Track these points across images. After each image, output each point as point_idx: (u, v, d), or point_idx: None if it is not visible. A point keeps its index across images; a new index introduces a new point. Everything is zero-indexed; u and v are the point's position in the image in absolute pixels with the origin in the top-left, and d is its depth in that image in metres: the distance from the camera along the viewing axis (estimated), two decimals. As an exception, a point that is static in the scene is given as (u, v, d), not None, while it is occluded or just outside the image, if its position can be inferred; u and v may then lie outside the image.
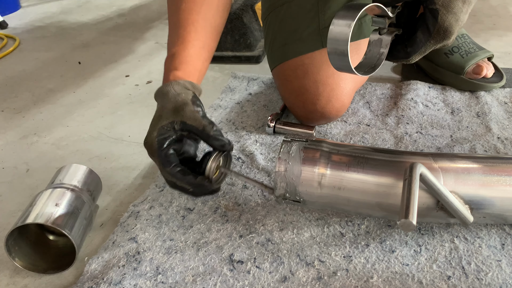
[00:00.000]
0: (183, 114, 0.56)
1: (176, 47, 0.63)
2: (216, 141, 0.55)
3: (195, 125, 0.55)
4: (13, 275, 0.56)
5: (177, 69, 0.61)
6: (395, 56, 0.62)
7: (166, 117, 0.56)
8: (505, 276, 0.50)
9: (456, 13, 0.57)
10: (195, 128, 0.55)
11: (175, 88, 0.58)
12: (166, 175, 0.55)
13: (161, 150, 0.55)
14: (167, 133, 0.55)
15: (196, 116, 0.56)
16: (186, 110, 0.56)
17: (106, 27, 1.51)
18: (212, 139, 0.55)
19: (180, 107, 0.56)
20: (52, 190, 0.58)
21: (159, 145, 0.55)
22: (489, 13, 1.33)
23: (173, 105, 0.57)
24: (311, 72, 0.75)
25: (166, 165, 0.54)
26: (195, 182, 0.54)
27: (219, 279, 0.51)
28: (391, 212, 0.52)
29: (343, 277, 0.51)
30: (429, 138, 0.75)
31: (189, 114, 0.56)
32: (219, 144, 0.55)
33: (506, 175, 0.50)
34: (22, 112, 0.97)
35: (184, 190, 0.56)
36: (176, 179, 0.55)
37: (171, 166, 0.54)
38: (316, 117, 0.77)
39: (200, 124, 0.55)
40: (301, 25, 0.77)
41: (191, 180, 0.54)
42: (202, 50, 0.64)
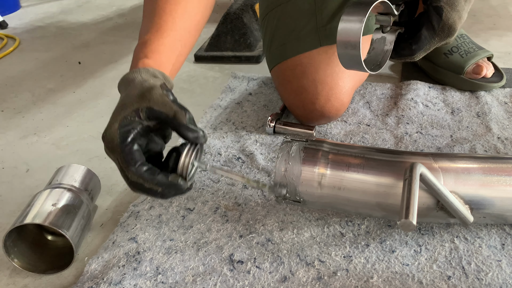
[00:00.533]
0: (149, 98, 0.47)
1: (150, 34, 0.56)
2: (189, 132, 0.47)
3: (165, 111, 0.47)
4: (13, 275, 0.56)
5: (147, 57, 0.54)
6: (399, 54, 0.63)
7: (130, 104, 0.48)
8: (505, 276, 0.50)
9: (459, 11, 0.58)
10: (164, 114, 0.47)
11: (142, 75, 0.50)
12: (131, 176, 0.47)
13: (124, 146, 0.46)
14: (130, 124, 0.47)
15: (166, 100, 0.47)
16: (153, 94, 0.48)
17: (106, 27, 1.51)
18: (185, 129, 0.47)
19: (147, 91, 0.48)
20: (50, 190, 0.58)
21: (122, 139, 0.46)
22: (489, 13, 1.33)
23: (139, 91, 0.48)
24: (309, 72, 0.75)
25: (131, 164, 0.46)
26: (167, 182, 0.47)
27: (219, 279, 0.51)
28: (391, 212, 0.52)
29: (343, 277, 0.51)
30: (429, 138, 0.75)
31: (156, 98, 0.47)
32: (192, 135, 0.48)
33: (506, 175, 0.50)
34: (22, 112, 0.97)
35: (151, 192, 0.48)
36: (144, 180, 0.47)
37: (137, 164, 0.46)
38: (316, 117, 0.77)
39: (170, 109, 0.47)
40: (299, 24, 0.77)
41: (162, 180, 0.47)
42: (178, 42, 0.58)
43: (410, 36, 0.62)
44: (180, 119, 0.47)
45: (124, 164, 0.47)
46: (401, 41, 0.62)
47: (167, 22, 0.57)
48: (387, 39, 0.61)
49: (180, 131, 0.48)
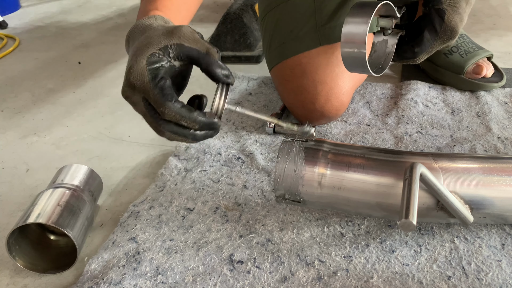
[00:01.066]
0: (179, 34, 0.44)
1: None
2: (221, 70, 0.45)
3: (197, 47, 0.44)
4: (13, 275, 0.56)
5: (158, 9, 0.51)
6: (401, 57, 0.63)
7: (156, 42, 0.44)
8: (505, 276, 0.50)
9: (461, 13, 0.58)
10: (196, 51, 0.44)
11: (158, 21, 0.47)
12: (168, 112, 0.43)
13: (157, 81, 0.43)
14: (160, 62, 0.44)
15: (197, 37, 0.45)
16: (183, 31, 0.45)
17: (106, 27, 1.51)
18: (217, 67, 0.45)
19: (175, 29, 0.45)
20: (53, 190, 0.58)
21: (153, 76, 0.43)
22: (489, 13, 1.33)
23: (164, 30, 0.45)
24: (309, 71, 0.75)
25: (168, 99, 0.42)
26: (205, 120, 0.45)
27: (219, 279, 0.51)
28: (391, 212, 0.52)
29: (343, 277, 0.51)
30: (429, 138, 0.75)
31: (188, 34, 0.44)
32: (224, 73, 0.45)
33: (506, 175, 0.50)
34: (22, 112, 0.97)
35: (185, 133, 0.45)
36: (182, 117, 0.43)
37: (173, 100, 0.43)
38: (316, 117, 0.77)
39: (203, 46, 0.44)
40: (298, 24, 0.77)
41: (199, 117, 0.44)
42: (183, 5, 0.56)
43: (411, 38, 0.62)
44: (212, 56, 0.44)
45: (159, 101, 0.43)
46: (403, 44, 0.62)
47: None
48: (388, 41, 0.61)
49: (211, 69, 0.45)
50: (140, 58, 0.44)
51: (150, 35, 0.45)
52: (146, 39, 0.45)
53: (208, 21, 1.47)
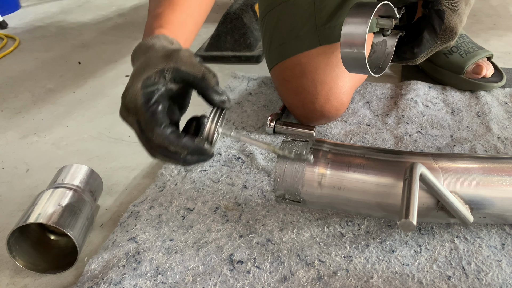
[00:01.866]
0: (177, 58, 0.45)
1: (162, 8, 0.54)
2: (217, 95, 0.46)
3: (193, 72, 0.45)
4: (13, 275, 0.56)
5: (162, 27, 0.52)
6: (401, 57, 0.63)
7: (154, 65, 0.45)
8: (505, 276, 0.50)
9: (460, 14, 0.59)
10: (192, 75, 0.45)
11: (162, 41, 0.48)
12: (156, 137, 0.44)
13: (148, 106, 0.43)
14: (155, 85, 0.44)
15: (194, 61, 0.45)
16: (180, 54, 0.45)
17: (106, 27, 1.51)
18: (212, 92, 0.45)
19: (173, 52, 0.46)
20: (53, 190, 0.58)
21: (146, 99, 0.43)
22: (489, 13, 1.33)
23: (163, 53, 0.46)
24: (308, 71, 0.75)
25: (156, 125, 0.43)
26: (193, 146, 0.45)
27: (219, 279, 0.51)
28: (391, 212, 0.52)
29: (343, 277, 0.51)
30: (429, 138, 0.75)
31: (185, 58, 0.45)
32: (219, 99, 0.46)
33: (506, 175, 0.50)
34: (22, 112, 0.97)
35: (174, 157, 0.46)
36: (169, 142, 0.44)
37: (163, 125, 0.44)
38: (316, 117, 0.77)
39: (199, 70, 0.45)
40: (298, 24, 0.77)
41: (188, 143, 0.45)
42: (190, 18, 0.56)
43: (411, 39, 0.62)
44: (209, 81, 0.45)
45: (148, 124, 0.44)
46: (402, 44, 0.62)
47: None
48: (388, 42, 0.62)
49: (207, 94, 0.46)
50: (136, 80, 0.45)
51: (150, 57, 0.46)
52: (145, 61, 0.46)
53: (208, 21, 1.47)
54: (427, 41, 0.60)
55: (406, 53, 0.62)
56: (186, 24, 0.55)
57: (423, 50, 0.61)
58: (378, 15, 0.59)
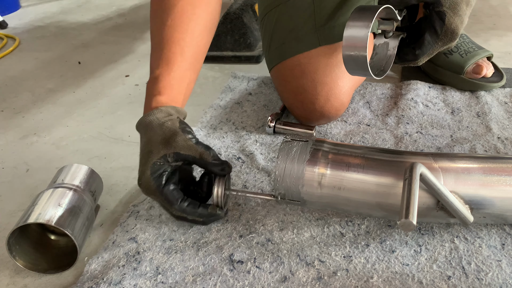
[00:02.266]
0: (175, 145, 0.53)
1: (160, 68, 0.59)
2: (216, 167, 0.54)
3: (191, 154, 0.53)
4: (13, 275, 0.56)
5: (160, 93, 0.58)
6: (403, 59, 0.63)
7: (156, 151, 0.53)
8: (505, 276, 0.50)
9: (461, 16, 0.59)
10: (191, 157, 0.53)
11: (158, 116, 0.55)
12: (175, 212, 0.54)
13: (161, 189, 0.52)
14: (161, 168, 0.53)
15: (190, 144, 0.53)
16: (177, 140, 0.53)
17: (106, 27, 1.51)
18: (211, 166, 0.54)
19: (171, 138, 0.53)
20: (53, 190, 0.58)
21: (158, 184, 0.52)
22: (489, 13, 1.33)
23: (162, 137, 0.53)
24: (308, 72, 0.75)
25: (173, 203, 0.53)
26: (207, 214, 0.55)
27: (219, 279, 0.51)
28: (391, 212, 0.52)
29: (343, 277, 0.51)
30: (429, 138, 0.75)
31: (181, 143, 0.53)
32: (219, 169, 0.54)
33: (506, 175, 0.50)
34: (22, 112, 0.97)
35: (195, 222, 0.56)
36: (187, 214, 0.54)
37: (178, 202, 0.53)
38: (316, 117, 0.77)
39: (196, 152, 0.53)
40: (298, 24, 0.77)
41: (203, 212, 0.54)
42: (187, 71, 0.61)
43: (412, 41, 0.62)
44: (206, 159, 0.53)
45: (166, 204, 0.53)
46: (404, 46, 0.63)
47: (175, 54, 0.59)
48: (390, 44, 0.62)
49: (207, 168, 0.54)
50: (145, 168, 0.53)
51: (150, 141, 0.53)
52: (147, 145, 0.54)
53: (208, 21, 1.47)
54: (428, 43, 0.60)
55: (408, 54, 0.62)
56: (184, 79, 0.60)
57: (425, 52, 0.61)
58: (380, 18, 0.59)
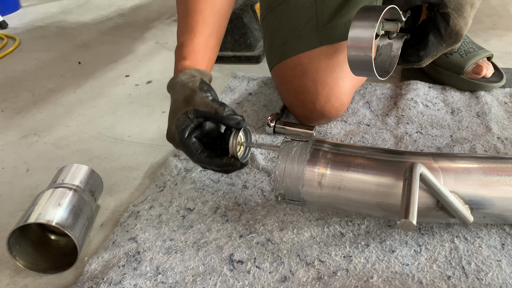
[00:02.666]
0: (193, 102, 0.58)
1: (185, 36, 0.65)
2: (230, 121, 0.58)
3: (208, 110, 0.58)
4: (14, 275, 0.56)
5: (185, 58, 0.63)
6: (406, 60, 0.63)
7: (179, 109, 0.59)
8: (505, 276, 0.50)
9: (466, 17, 0.59)
10: (208, 113, 0.58)
11: (181, 78, 0.60)
12: (196, 162, 0.59)
13: (183, 141, 0.58)
14: (184, 124, 0.58)
15: (207, 102, 0.58)
16: (195, 98, 0.58)
17: (106, 27, 1.51)
18: (226, 120, 0.57)
19: (190, 97, 0.59)
20: (53, 190, 0.58)
21: (181, 137, 0.58)
22: (489, 13, 1.33)
23: (183, 96, 0.59)
24: (309, 71, 0.75)
25: (193, 155, 0.58)
26: (223, 163, 0.58)
27: (219, 279, 0.51)
28: (391, 212, 0.52)
29: (343, 277, 0.51)
30: (429, 138, 0.75)
31: (199, 101, 0.58)
32: (234, 122, 0.58)
33: (506, 175, 0.50)
34: (22, 112, 0.97)
35: (215, 170, 0.61)
36: (205, 164, 0.59)
37: (197, 154, 0.58)
38: (316, 117, 0.77)
39: (211, 108, 0.57)
40: (299, 23, 0.77)
41: (219, 162, 0.58)
42: (210, 37, 0.66)
43: (416, 42, 0.62)
44: (220, 114, 0.57)
45: (188, 154, 0.59)
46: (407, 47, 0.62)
47: (198, 22, 0.65)
48: (393, 45, 0.62)
49: (223, 123, 0.58)
50: (171, 124, 0.59)
51: (175, 100, 0.60)
52: (173, 105, 0.60)
53: (208, 21, 1.47)
54: (432, 44, 0.60)
55: (412, 56, 0.62)
56: (208, 44, 0.66)
57: (429, 53, 0.61)
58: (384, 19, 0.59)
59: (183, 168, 0.71)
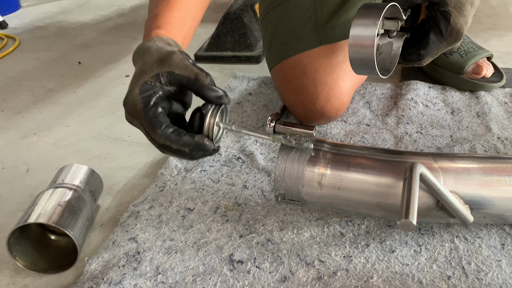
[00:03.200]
0: (170, 63, 0.48)
1: (160, 8, 0.56)
2: (212, 92, 0.48)
3: (186, 74, 0.47)
4: (14, 275, 0.56)
5: (159, 27, 0.54)
6: (407, 59, 0.63)
7: (149, 70, 0.48)
8: (505, 276, 0.50)
9: (466, 16, 0.59)
10: (185, 77, 0.47)
11: (157, 43, 0.50)
12: (158, 138, 0.47)
13: (147, 109, 0.47)
14: (152, 89, 0.47)
15: (186, 64, 0.48)
16: (173, 58, 0.48)
17: (106, 27, 1.51)
18: (208, 90, 0.47)
19: (167, 56, 0.48)
20: (53, 190, 0.58)
21: (145, 104, 0.47)
22: (489, 13, 1.33)
23: (157, 57, 0.49)
24: (309, 71, 0.75)
25: (157, 126, 0.47)
26: (193, 143, 0.47)
27: (219, 279, 0.51)
28: (391, 212, 0.52)
29: (343, 277, 0.51)
30: (429, 138, 0.75)
31: (177, 62, 0.48)
32: (215, 95, 0.48)
33: (506, 175, 0.50)
34: (22, 112, 0.97)
35: (180, 153, 0.48)
36: (171, 142, 0.47)
37: (163, 127, 0.47)
38: (316, 117, 0.77)
39: (191, 72, 0.47)
40: (299, 23, 0.77)
41: (188, 140, 0.47)
42: (187, 16, 0.58)
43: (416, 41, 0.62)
44: (201, 81, 0.47)
45: (150, 128, 0.47)
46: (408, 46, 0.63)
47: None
48: (394, 44, 0.62)
49: (202, 93, 0.48)
50: (134, 87, 0.48)
51: (145, 62, 0.49)
52: (141, 67, 0.49)
53: (208, 21, 1.47)
54: (433, 43, 0.60)
55: (412, 54, 0.62)
56: (184, 22, 0.58)
57: (429, 52, 0.61)
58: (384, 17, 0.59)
59: (183, 168, 0.71)
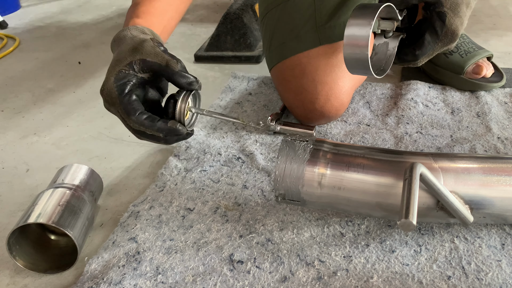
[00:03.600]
0: (142, 51, 0.50)
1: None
2: (182, 78, 0.50)
3: (157, 61, 0.50)
4: (14, 275, 0.56)
5: (138, 17, 0.56)
6: (402, 59, 0.63)
7: (123, 58, 0.51)
8: (505, 276, 0.50)
9: (461, 17, 0.59)
10: (157, 64, 0.50)
11: (132, 32, 0.53)
12: (133, 124, 0.50)
13: (122, 97, 0.49)
14: (126, 77, 0.50)
15: (157, 51, 0.50)
16: (145, 46, 0.50)
17: (106, 27, 1.51)
18: (178, 76, 0.50)
19: (139, 45, 0.51)
20: (53, 190, 0.58)
21: (119, 91, 0.49)
22: (489, 13, 1.33)
23: (131, 46, 0.51)
24: (308, 71, 0.75)
25: (131, 113, 0.49)
26: (167, 128, 0.51)
27: (219, 279, 0.51)
28: (391, 212, 0.52)
29: (343, 277, 0.51)
30: (429, 138, 0.75)
31: (148, 49, 0.50)
32: (186, 81, 0.51)
33: (506, 175, 0.50)
34: (22, 112, 0.97)
35: (155, 138, 0.52)
36: (145, 127, 0.50)
37: (137, 113, 0.50)
38: (316, 117, 0.77)
39: (162, 59, 0.50)
40: (298, 23, 0.78)
41: (162, 126, 0.50)
42: (169, 6, 0.60)
43: (412, 41, 0.62)
44: (172, 67, 0.49)
45: (124, 114, 0.50)
46: (404, 46, 0.63)
47: None
48: (389, 44, 0.62)
49: (173, 79, 0.50)
50: (110, 75, 0.51)
51: (120, 51, 0.51)
52: (117, 55, 0.52)
53: (208, 21, 1.48)
54: (428, 43, 0.60)
55: (408, 55, 0.62)
56: (165, 12, 0.59)
57: (425, 52, 0.61)
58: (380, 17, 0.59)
59: (183, 168, 0.71)
